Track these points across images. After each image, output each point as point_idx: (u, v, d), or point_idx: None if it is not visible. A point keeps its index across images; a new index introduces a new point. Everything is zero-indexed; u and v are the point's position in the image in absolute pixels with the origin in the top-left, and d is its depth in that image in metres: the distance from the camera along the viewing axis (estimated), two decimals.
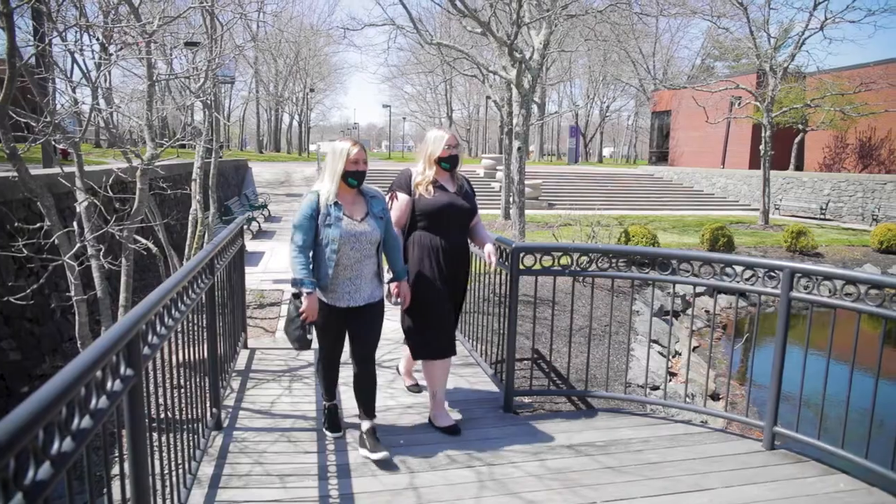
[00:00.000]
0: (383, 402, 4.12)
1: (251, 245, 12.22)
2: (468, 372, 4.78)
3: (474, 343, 5.01)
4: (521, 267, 3.85)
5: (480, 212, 4.07)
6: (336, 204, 3.24)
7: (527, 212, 18.47)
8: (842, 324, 3.76)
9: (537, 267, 3.87)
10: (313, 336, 3.41)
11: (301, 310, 3.25)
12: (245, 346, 5.26)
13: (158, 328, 2.34)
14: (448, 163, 3.71)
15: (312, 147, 55.54)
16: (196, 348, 3.21)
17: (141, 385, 2.05)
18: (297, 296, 3.29)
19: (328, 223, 3.21)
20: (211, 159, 7.64)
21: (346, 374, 3.69)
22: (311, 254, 3.26)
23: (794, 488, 3.17)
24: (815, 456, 3.50)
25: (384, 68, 69.90)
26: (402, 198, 3.71)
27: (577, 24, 14.44)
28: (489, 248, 3.76)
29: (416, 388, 4.33)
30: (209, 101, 7.54)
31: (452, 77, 42.53)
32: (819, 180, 23.78)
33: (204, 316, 3.45)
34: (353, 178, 3.28)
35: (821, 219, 21.89)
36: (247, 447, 3.42)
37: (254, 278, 8.76)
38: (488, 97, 15.16)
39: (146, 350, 2.15)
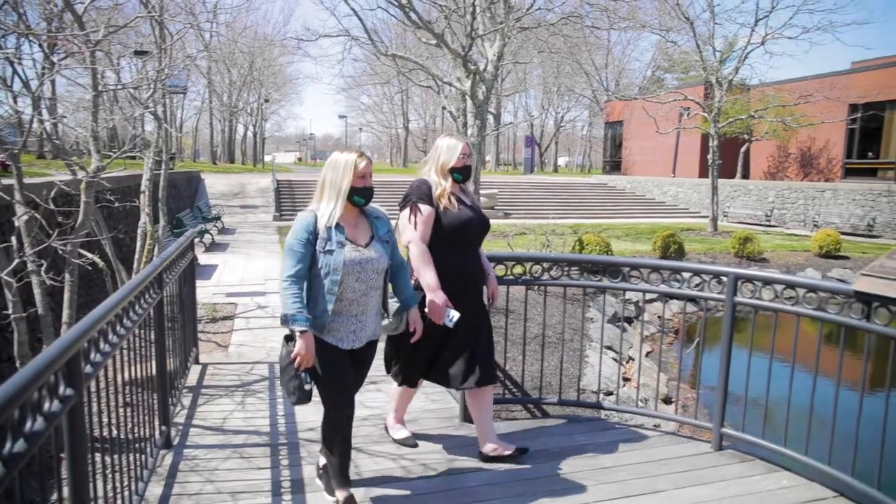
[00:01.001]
0: (320, 416, 4.06)
1: (204, 258, 11.97)
2: (425, 383, 4.75)
3: None
4: None
5: None
6: (337, 226, 2.74)
7: None
8: (788, 326, 3.90)
9: None
10: (312, 386, 2.83)
11: (295, 353, 2.68)
12: (197, 362, 5.14)
13: (102, 345, 2.28)
14: (462, 174, 3.39)
15: (267, 158, 54.83)
16: (144, 365, 3.13)
17: (82, 405, 1.99)
18: (289, 338, 2.74)
19: (328, 249, 2.71)
20: (161, 171, 7.48)
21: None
22: (304, 285, 2.75)
23: (740, 487, 3.26)
24: (761, 455, 3.62)
25: (339, 79, 69.62)
26: (427, 210, 3.26)
27: (530, 36, 14.67)
28: (494, 283, 3.55)
29: (411, 442, 3.66)
30: (159, 112, 7.38)
31: (408, 88, 42.68)
32: (764, 188, 24.65)
33: (152, 331, 3.36)
34: (360, 195, 2.79)
35: (766, 225, 22.67)
36: (198, 465, 3.34)
37: (206, 292, 8.59)
38: (444, 108, 15.21)
39: (88, 368, 2.08)
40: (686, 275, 3.84)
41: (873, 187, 21.30)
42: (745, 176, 30.88)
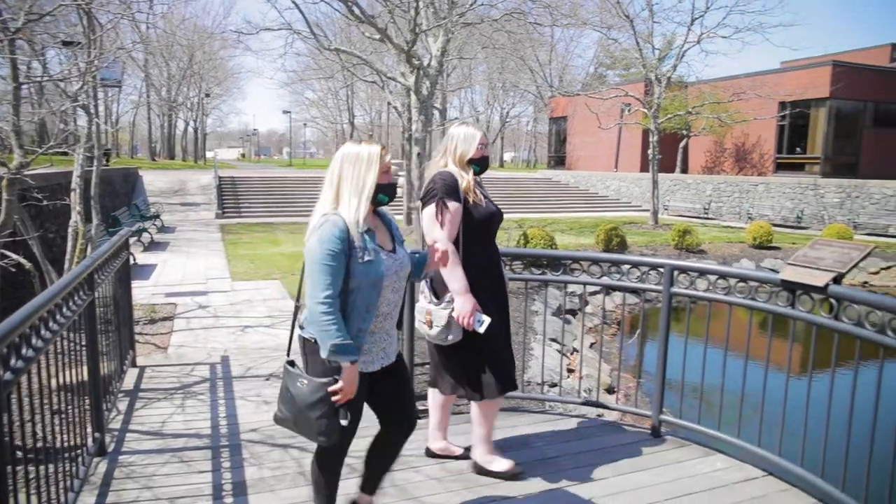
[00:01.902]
0: (263, 416, 4.02)
1: (143, 257, 11.59)
2: None
3: None
4: None
5: None
6: (368, 231, 2.35)
7: None
8: (725, 315, 4.03)
9: None
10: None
11: (338, 387, 2.25)
12: (134, 365, 4.98)
13: (24, 350, 2.17)
14: (481, 165, 3.18)
15: (209, 154, 53.43)
16: (75, 369, 3.00)
17: (1, 414, 1.90)
18: (293, 363, 2.38)
19: (367, 259, 2.30)
20: (93, 167, 7.19)
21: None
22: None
23: (677, 471, 3.38)
24: (697, 440, 3.75)
25: (282, 74, 68.34)
26: (455, 206, 3.00)
27: (474, 32, 14.74)
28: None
29: (466, 455, 3.39)
30: (90, 106, 7.08)
31: (353, 83, 42.25)
32: (702, 182, 25.50)
33: (83, 334, 3.24)
34: (385, 193, 2.42)
35: (704, 218, 23.47)
36: (134, 472, 3.23)
37: (145, 292, 8.32)
38: (389, 103, 15.16)
39: (8, 375, 1.99)
40: (626, 267, 3.94)
41: (801, 181, 22.33)
42: (685, 170, 31.87)
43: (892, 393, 2.64)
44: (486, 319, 2.94)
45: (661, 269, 3.74)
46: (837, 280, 3.01)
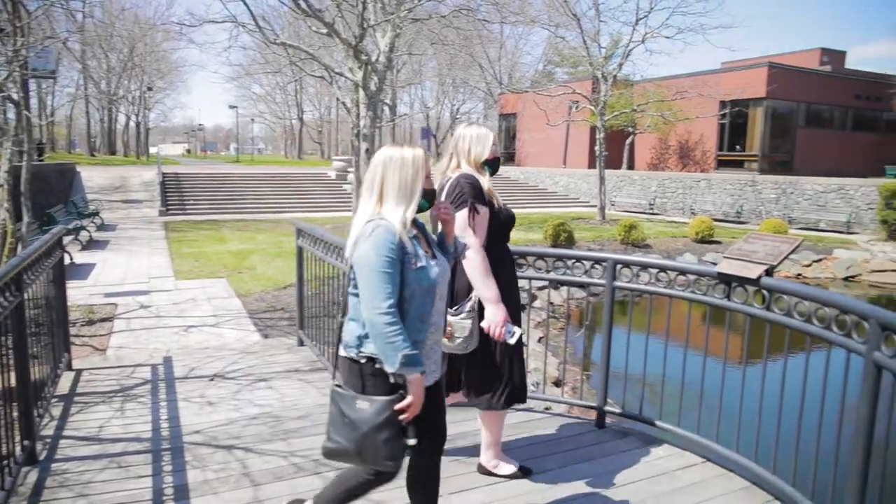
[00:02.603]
0: (227, 415, 3.96)
1: (80, 256, 11.16)
2: (316, 377, 4.71)
3: (322, 348, 4.94)
4: None
5: (333, 214, 3.78)
6: (415, 237, 2.24)
7: None
8: (672, 307, 4.13)
9: None
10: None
11: (406, 403, 2.10)
12: (69, 368, 4.79)
13: None
14: (494, 166, 3.06)
15: (153, 150, 51.78)
16: (2, 375, 2.87)
17: None
18: (344, 386, 2.19)
19: (419, 266, 2.16)
20: (23, 162, 6.87)
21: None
22: None
23: (620, 460, 3.46)
24: (640, 429, 3.85)
25: (227, 68, 66.69)
26: (484, 211, 2.93)
27: (423, 28, 14.72)
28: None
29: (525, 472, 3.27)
30: (18, 97, 6.75)
31: (302, 78, 41.63)
32: (647, 178, 26.14)
33: (10, 338, 3.09)
34: (427, 199, 2.26)
35: (650, 213, 24.07)
36: (68, 479, 3.11)
37: (82, 292, 8.02)
38: (338, 99, 14.98)
39: None
40: (571, 262, 4.01)
41: (741, 177, 23.14)
42: (631, 167, 32.61)
43: (818, 378, 2.77)
44: (518, 331, 2.86)
45: (604, 264, 3.82)
46: (769, 272, 3.13)
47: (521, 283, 3.70)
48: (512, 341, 2.85)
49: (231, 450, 3.46)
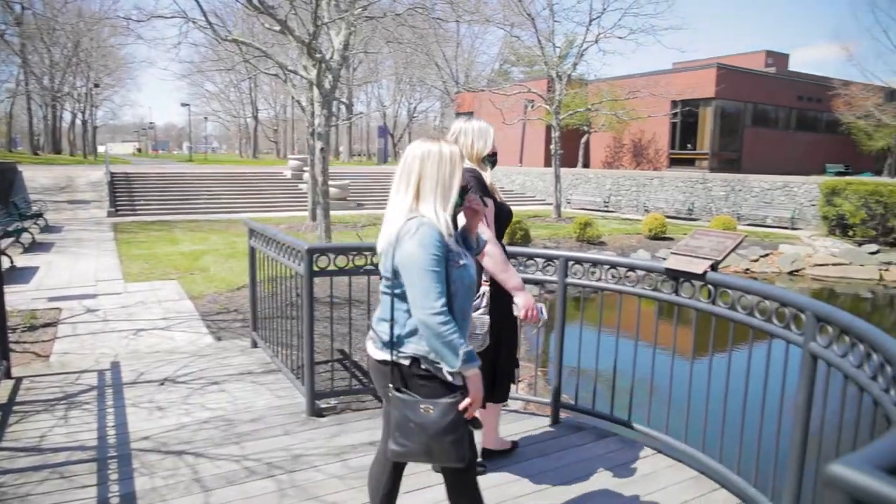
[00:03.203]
0: (178, 420, 3.86)
1: (22, 260, 10.74)
2: (270, 379, 4.64)
3: (276, 349, 4.87)
4: (316, 268, 3.82)
5: (289, 213, 3.78)
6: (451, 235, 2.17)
7: (336, 212, 18.39)
8: (627, 303, 4.20)
9: (332, 268, 3.86)
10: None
11: (469, 402, 2.08)
12: (8, 376, 4.60)
13: None
14: (494, 161, 3.07)
15: (101, 149, 50.18)
16: None
17: None
18: (403, 388, 2.12)
19: (462, 263, 2.13)
20: None
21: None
22: None
23: (574, 455, 3.51)
24: (593, 424, 3.91)
25: (178, 64, 65.10)
26: (491, 205, 2.98)
27: (379, 26, 14.64)
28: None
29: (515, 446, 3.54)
30: None
31: (256, 76, 40.94)
32: (602, 176, 26.57)
33: None
34: (462, 196, 2.22)
35: (605, 211, 24.49)
36: (5, 493, 2.99)
37: (24, 297, 7.72)
38: (294, 97, 14.79)
39: None
40: (524, 259, 4.04)
41: (692, 175, 23.73)
42: (586, 165, 33.11)
43: (760, 370, 2.86)
44: (545, 307, 3.00)
45: (556, 261, 3.86)
46: (714, 267, 3.22)
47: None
48: (545, 317, 2.97)
49: (181, 455, 3.39)
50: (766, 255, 15.72)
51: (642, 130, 30.36)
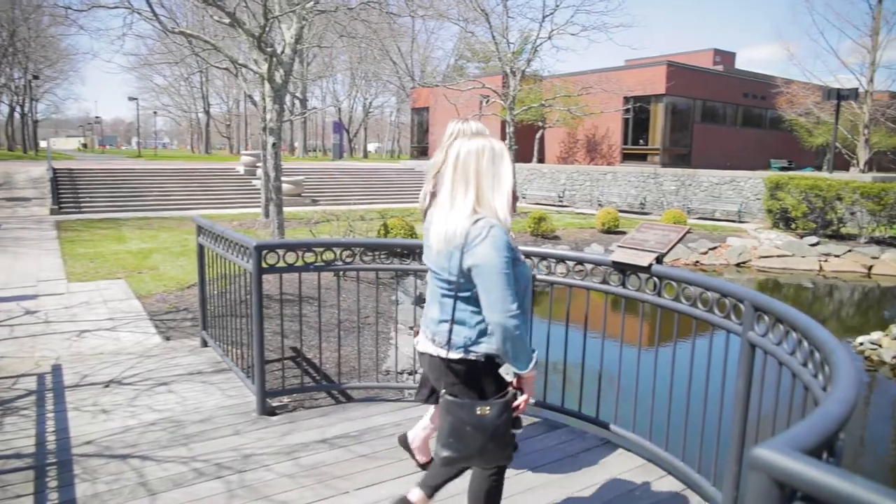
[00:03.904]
0: (123, 423, 3.76)
1: None
2: (220, 378, 4.56)
3: (227, 348, 4.78)
4: (265, 265, 3.76)
5: (242, 210, 3.72)
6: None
7: (290, 209, 18.17)
8: (582, 297, 4.25)
9: (281, 264, 3.81)
10: None
11: (524, 399, 2.16)
12: None
13: None
14: None
15: (43, 143, 48.29)
16: None
17: None
18: (461, 397, 2.13)
19: (522, 261, 2.19)
20: None
21: None
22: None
23: (525, 446, 3.54)
24: (544, 415, 3.96)
25: (124, 57, 63.01)
26: None
27: (332, 20, 14.47)
28: None
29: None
30: None
31: (207, 69, 40.03)
32: (557, 171, 26.88)
33: None
34: None
35: (559, 205, 24.78)
36: None
37: None
38: (245, 93, 14.51)
39: None
40: None
41: (644, 170, 24.23)
42: (541, 160, 33.44)
43: (705, 360, 2.94)
44: None
45: None
46: (659, 260, 3.29)
47: None
48: None
49: (126, 459, 3.29)
50: (715, 247, 16.17)
51: (596, 126, 30.84)
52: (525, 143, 31.16)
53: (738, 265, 15.32)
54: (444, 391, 2.15)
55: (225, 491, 3.01)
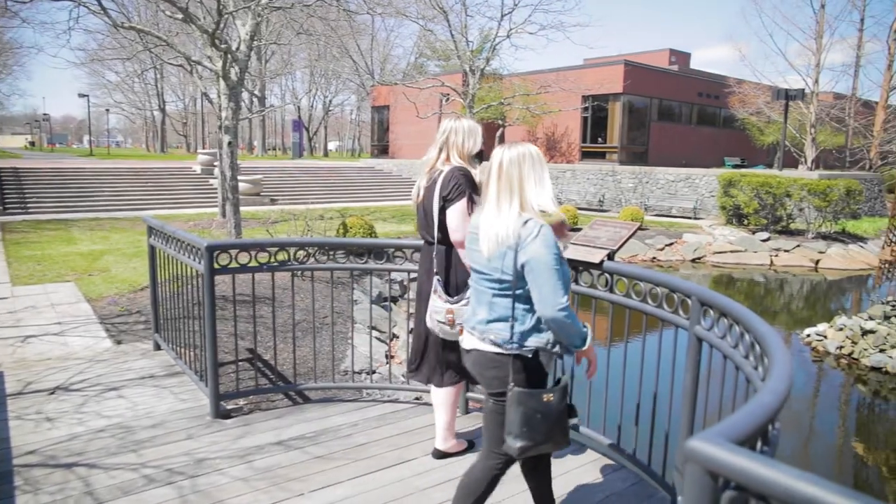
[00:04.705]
0: (69, 430, 3.64)
1: None
2: (174, 382, 4.46)
3: (180, 350, 4.68)
4: (217, 266, 3.69)
5: (199, 210, 3.66)
6: None
7: (248, 208, 17.89)
8: None
9: (234, 265, 3.75)
10: None
11: (594, 368, 2.42)
12: None
13: None
14: (482, 158, 3.12)
15: None
16: None
17: None
18: (530, 387, 2.28)
19: (565, 258, 2.36)
20: None
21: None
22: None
23: (481, 443, 3.56)
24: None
25: (70, 52, 60.94)
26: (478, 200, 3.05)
27: (288, 16, 14.27)
28: None
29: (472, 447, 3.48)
30: None
31: (162, 66, 39.07)
32: None
33: None
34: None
35: None
36: None
37: None
38: (202, 90, 14.18)
39: None
40: None
41: (602, 168, 24.59)
42: None
43: (654, 356, 3.00)
44: None
45: None
46: (611, 256, 3.34)
47: (397, 275, 3.72)
48: None
49: (72, 468, 3.19)
50: (671, 243, 16.52)
51: (555, 124, 31.16)
52: (486, 141, 31.22)
53: (693, 261, 15.69)
54: (511, 385, 2.26)
55: (176, 497, 2.95)
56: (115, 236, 13.30)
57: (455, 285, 3.08)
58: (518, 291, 2.25)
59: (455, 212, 2.99)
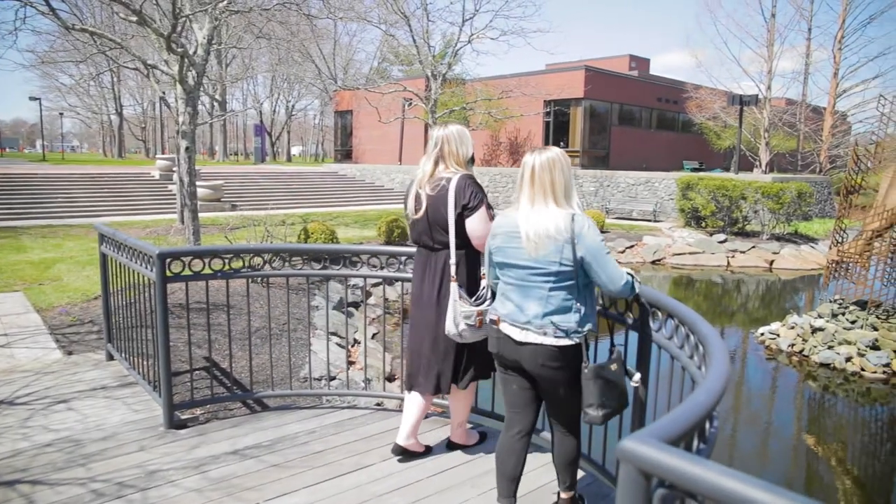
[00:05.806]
0: (12, 446, 3.53)
1: None
2: (127, 393, 4.36)
3: (134, 360, 4.58)
4: (169, 274, 3.62)
5: (158, 217, 3.60)
6: None
7: (209, 214, 17.59)
8: None
9: (187, 272, 3.68)
10: None
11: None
12: None
13: None
14: (472, 162, 3.27)
15: None
16: None
17: None
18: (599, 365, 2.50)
19: None
20: None
21: None
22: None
23: (438, 447, 3.57)
24: (448, 416, 3.99)
25: (18, 53, 59.20)
26: (492, 210, 3.23)
27: (247, 20, 14.10)
28: None
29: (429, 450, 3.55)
30: None
31: (119, 69, 38.20)
32: (480, 174, 27.21)
33: None
34: None
35: None
36: None
37: None
38: (161, 95, 13.87)
39: None
40: (403, 258, 4.04)
41: None
42: None
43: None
44: None
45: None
46: None
47: (356, 280, 3.73)
48: None
49: (14, 485, 3.09)
50: (632, 246, 16.81)
51: (518, 129, 31.44)
52: None
53: (653, 262, 15.98)
54: (585, 363, 2.49)
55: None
56: (68, 244, 12.93)
57: (474, 288, 3.18)
58: (570, 283, 2.47)
59: (479, 218, 3.13)
